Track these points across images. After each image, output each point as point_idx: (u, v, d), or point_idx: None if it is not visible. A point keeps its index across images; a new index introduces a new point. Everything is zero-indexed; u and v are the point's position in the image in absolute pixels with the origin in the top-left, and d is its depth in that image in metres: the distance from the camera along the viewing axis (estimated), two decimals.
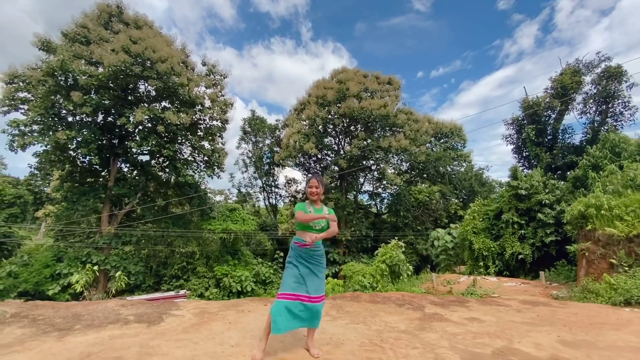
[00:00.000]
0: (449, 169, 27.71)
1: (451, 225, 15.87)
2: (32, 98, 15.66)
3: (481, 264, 12.27)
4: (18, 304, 2.95)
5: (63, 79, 14.51)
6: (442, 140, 30.60)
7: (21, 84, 15.65)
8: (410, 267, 10.75)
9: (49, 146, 16.21)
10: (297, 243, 2.62)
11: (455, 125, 30.81)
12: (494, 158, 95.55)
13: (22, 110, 15.83)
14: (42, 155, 16.85)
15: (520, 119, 14.53)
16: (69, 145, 15.88)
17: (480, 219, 12.87)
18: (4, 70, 15.51)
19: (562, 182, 12.38)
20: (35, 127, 15.51)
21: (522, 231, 11.59)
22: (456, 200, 27.13)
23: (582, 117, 14.22)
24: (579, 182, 11.11)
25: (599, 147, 11.11)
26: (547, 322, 3.12)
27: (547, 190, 11.52)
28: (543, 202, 11.07)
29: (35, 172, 17.18)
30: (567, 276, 9.58)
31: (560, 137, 14.23)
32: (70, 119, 16.65)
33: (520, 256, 11.34)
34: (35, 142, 15.18)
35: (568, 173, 12.69)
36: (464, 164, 30.07)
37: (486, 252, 12.22)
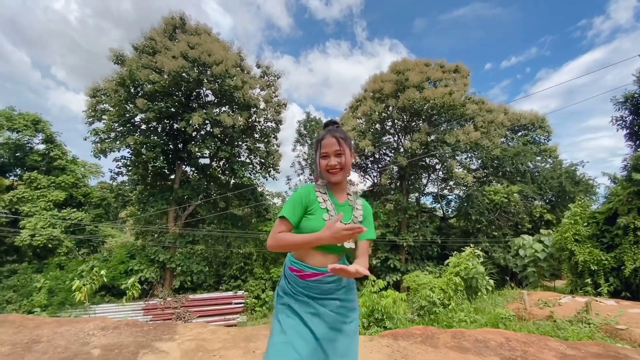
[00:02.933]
0: (531, 166, 23.78)
1: (542, 231, 13.10)
2: (110, 108, 17.26)
3: (587, 280, 9.63)
4: None
5: (132, 87, 15.63)
6: (520, 133, 26.62)
7: (102, 97, 17.37)
8: (491, 282, 8.80)
9: (126, 152, 17.76)
10: (295, 270, 1.38)
11: (537, 116, 26.56)
12: (582, 155, 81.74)
13: (104, 121, 17.54)
14: (120, 161, 18.57)
15: (637, 95, 11.30)
16: (142, 150, 17.10)
17: (585, 224, 10.17)
18: (89, 85, 17.43)
19: None
20: (112, 134, 17.03)
21: None
22: (541, 203, 23.08)
23: None
24: None
25: None
26: None
27: None
28: None
29: (115, 176, 18.88)
30: None
31: None
32: (143, 126, 18.03)
33: None
34: (111, 148, 16.60)
35: None
36: (549, 160, 25.66)
37: (594, 266, 9.57)
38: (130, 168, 18.73)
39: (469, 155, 22.42)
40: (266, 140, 20.09)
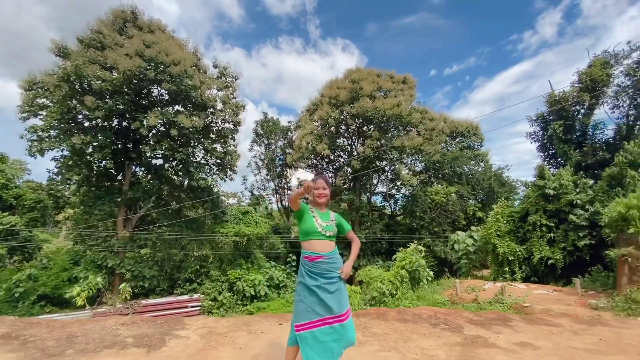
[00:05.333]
0: (466, 169, 26.80)
1: (472, 227, 15.18)
2: (50, 104, 15.90)
3: (506, 269, 11.59)
4: (11, 322, 2.71)
5: (78, 84, 14.65)
6: (457, 140, 29.73)
7: (40, 90, 15.90)
8: (431, 273, 10.22)
9: (66, 151, 16.45)
10: (307, 257, 2.21)
11: (472, 124, 29.91)
12: (511, 157, 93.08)
13: (41, 116, 16.07)
14: (60, 160, 17.13)
15: (545, 115, 13.75)
16: (86, 150, 16.04)
17: (505, 221, 12.18)
18: (24, 77, 15.85)
19: (594, 182, 11.57)
20: (52, 132, 15.73)
21: (551, 234, 10.87)
22: (474, 202, 26.20)
23: (614, 112, 13.34)
24: (614, 180, 10.32)
25: (637, 142, 10.30)
26: (616, 349, 2.64)
27: (578, 190, 10.78)
28: (574, 203, 10.34)
29: (54, 176, 17.37)
30: (604, 283, 8.86)
31: (591, 134, 13.36)
32: (87, 124, 16.84)
33: (549, 261, 10.64)
34: (53, 147, 15.35)
35: (600, 172, 11.87)
36: (481, 164, 29.11)
37: (511, 256, 11.54)
38: (72, 167, 17.38)
39: (414, 159, 24.54)
40: (223, 141, 19.97)
